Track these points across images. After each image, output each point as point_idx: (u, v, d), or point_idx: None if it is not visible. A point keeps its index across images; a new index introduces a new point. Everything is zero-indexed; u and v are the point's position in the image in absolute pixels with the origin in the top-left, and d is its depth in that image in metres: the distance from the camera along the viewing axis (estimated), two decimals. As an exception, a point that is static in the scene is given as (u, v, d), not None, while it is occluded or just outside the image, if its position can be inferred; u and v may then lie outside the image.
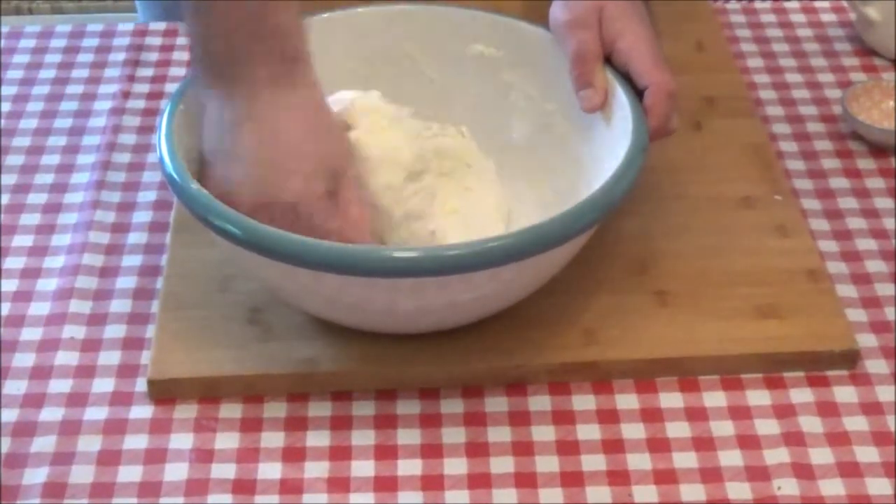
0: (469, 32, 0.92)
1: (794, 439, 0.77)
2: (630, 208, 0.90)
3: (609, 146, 0.82)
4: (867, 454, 0.77)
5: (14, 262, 0.90)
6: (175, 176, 0.78)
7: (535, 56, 0.90)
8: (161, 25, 1.13)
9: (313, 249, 0.73)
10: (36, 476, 0.76)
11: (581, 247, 0.80)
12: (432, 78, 0.93)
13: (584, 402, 0.80)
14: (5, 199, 0.95)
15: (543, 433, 0.78)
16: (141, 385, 0.81)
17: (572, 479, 0.75)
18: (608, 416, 0.79)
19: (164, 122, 0.82)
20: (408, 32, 0.91)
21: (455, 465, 0.76)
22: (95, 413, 0.79)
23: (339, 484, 0.75)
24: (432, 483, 0.75)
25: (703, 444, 0.77)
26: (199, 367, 0.80)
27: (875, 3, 1.07)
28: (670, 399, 0.80)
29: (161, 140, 0.80)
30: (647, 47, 0.85)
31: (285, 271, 0.75)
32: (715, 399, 0.80)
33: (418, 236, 0.83)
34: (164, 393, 0.80)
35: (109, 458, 0.77)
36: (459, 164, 0.86)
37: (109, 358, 0.83)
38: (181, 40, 1.11)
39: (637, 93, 0.84)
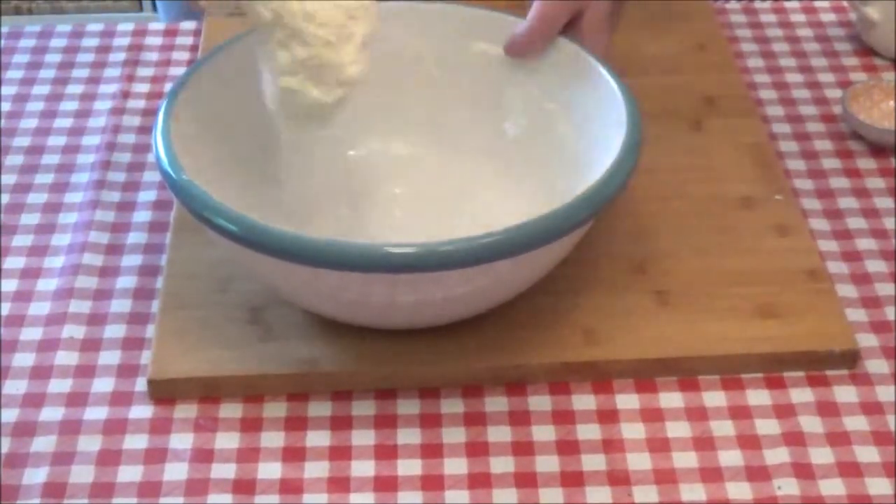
0: (473, 30, 0.92)
1: (794, 439, 0.77)
2: (630, 208, 0.91)
3: (604, 145, 0.82)
4: (867, 454, 0.77)
5: (14, 262, 0.90)
6: (171, 172, 0.78)
7: (538, 55, 0.90)
8: (161, 25, 1.13)
9: (310, 246, 0.73)
10: (36, 476, 0.76)
11: (577, 242, 0.80)
12: (434, 75, 0.93)
13: (583, 401, 0.80)
14: (5, 199, 0.95)
15: (543, 433, 0.78)
16: (141, 385, 0.81)
17: (572, 479, 0.75)
18: (608, 416, 0.79)
19: (160, 118, 0.82)
20: (411, 29, 0.91)
21: (455, 465, 0.76)
22: (95, 413, 0.79)
23: (339, 484, 0.75)
24: (432, 483, 0.75)
25: (704, 444, 0.77)
26: (199, 367, 0.80)
27: (875, 3, 1.07)
28: (670, 399, 0.80)
29: (157, 136, 0.80)
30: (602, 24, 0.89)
31: (282, 268, 0.75)
32: (715, 399, 0.80)
33: None
34: (164, 393, 0.80)
35: (109, 458, 0.77)
36: None
37: (109, 358, 0.83)
38: (181, 40, 1.11)
39: None
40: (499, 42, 0.92)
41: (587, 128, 0.87)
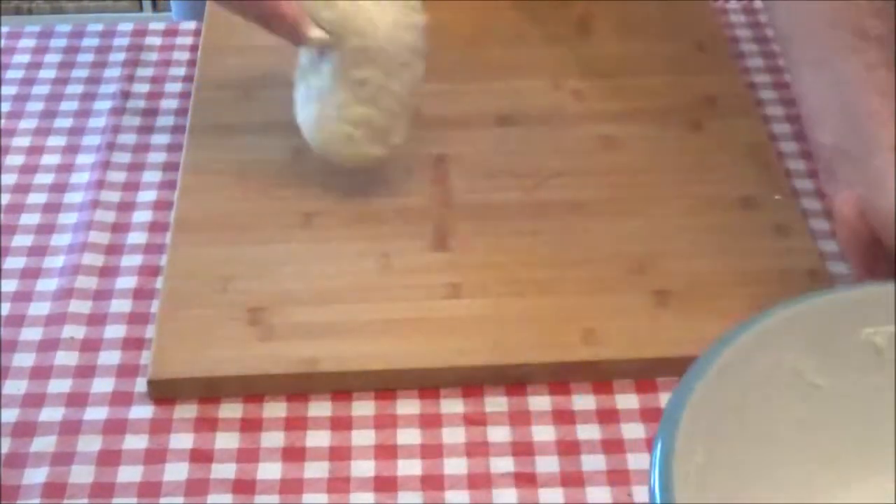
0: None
1: (794, 439, 0.77)
2: (630, 208, 0.91)
3: None
4: (867, 454, 0.77)
5: (14, 262, 0.90)
6: None
7: None
8: (161, 25, 1.13)
9: None
10: (36, 476, 0.76)
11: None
12: (819, 384, 0.70)
13: (584, 401, 0.80)
14: (5, 199, 0.95)
15: (543, 433, 0.78)
16: (141, 385, 0.81)
17: (572, 479, 0.75)
18: (608, 416, 0.79)
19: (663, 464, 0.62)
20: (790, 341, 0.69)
21: (455, 465, 0.76)
22: (95, 413, 0.79)
23: (339, 484, 0.75)
24: (432, 483, 0.75)
25: (703, 443, 0.77)
26: (199, 367, 0.80)
27: (875, 3, 1.07)
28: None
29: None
30: None
31: None
32: (715, 399, 0.80)
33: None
34: (164, 393, 0.80)
35: (109, 458, 0.77)
36: None
37: (109, 358, 0.83)
38: (181, 40, 1.11)
39: None
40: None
41: None
